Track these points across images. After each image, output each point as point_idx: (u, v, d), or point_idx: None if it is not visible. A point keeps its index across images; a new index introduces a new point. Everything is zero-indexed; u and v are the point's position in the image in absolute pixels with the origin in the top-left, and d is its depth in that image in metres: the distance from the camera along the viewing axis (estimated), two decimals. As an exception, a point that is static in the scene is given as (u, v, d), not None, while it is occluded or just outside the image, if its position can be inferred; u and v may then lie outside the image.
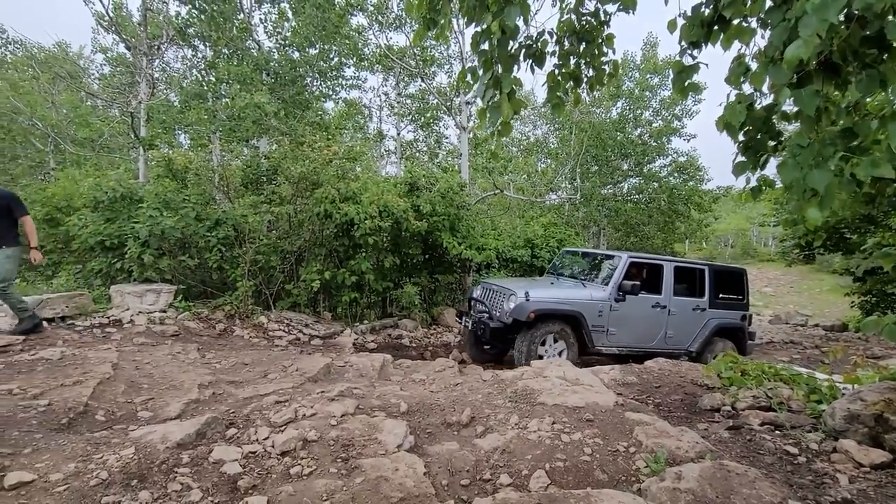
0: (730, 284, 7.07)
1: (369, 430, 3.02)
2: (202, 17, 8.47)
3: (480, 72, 2.08)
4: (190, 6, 8.52)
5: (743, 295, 7.14)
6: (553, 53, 2.30)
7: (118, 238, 6.14)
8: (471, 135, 11.80)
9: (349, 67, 11.07)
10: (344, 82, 11.60)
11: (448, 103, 11.40)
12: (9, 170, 15.71)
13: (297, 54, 9.53)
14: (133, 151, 12.54)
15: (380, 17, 12.32)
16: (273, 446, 2.67)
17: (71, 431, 2.72)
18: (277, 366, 4.71)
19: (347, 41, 10.16)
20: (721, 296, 6.89)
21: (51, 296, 5.34)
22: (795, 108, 1.79)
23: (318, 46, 9.50)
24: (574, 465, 2.54)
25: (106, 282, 6.43)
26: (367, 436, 2.93)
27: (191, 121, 8.30)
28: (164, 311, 5.99)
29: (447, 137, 15.90)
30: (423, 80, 11.89)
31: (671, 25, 2.23)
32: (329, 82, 10.58)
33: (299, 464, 2.52)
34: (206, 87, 8.66)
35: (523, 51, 2.08)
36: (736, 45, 2.09)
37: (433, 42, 12.41)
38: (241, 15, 9.48)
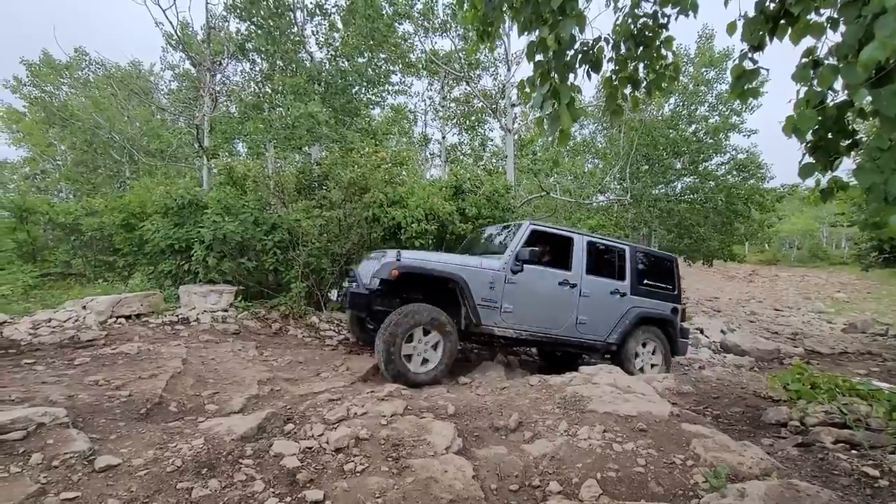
0: (657, 271, 6.13)
1: (418, 430, 3.08)
2: (260, 32, 8.96)
3: (538, 82, 2.08)
4: (248, 23, 9.04)
5: (673, 285, 6.19)
6: (610, 59, 2.24)
7: (185, 242, 6.61)
8: (516, 136, 11.71)
9: (396, 74, 11.31)
10: (391, 88, 11.87)
11: (493, 106, 11.39)
12: (91, 179, 17.28)
13: (346, 64, 9.87)
14: (197, 160, 13.45)
15: (425, 23, 12.53)
16: (328, 443, 2.78)
17: (148, 420, 2.96)
18: (329, 365, 4.89)
19: (394, 49, 10.41)
20: (646, 282, 5.92)
21: (128, 295, 5.83)
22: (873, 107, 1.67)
23: (366, 55, 9.80)
24: (627, 475, 2.47)
25: (175, 282, 6.93)
26: (417, 436, 3.00)
27: (249, 131, 8.80)
28: (226, 311, 6.37)
29: (492, 140, 15.89)
30: (468, 84, 11.95)
31: (730, 28, 2.12)
32: (377, 89, 10.87)
33: (352, 461, 2.61)
34: (262, 99, 9.15)
35: (579, 56, 2.04)
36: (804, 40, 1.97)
37: (480, 47, 12.46)
38: (295, 28, 9.94)
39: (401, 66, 11.83)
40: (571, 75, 2.08)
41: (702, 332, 10.81)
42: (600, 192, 14.39)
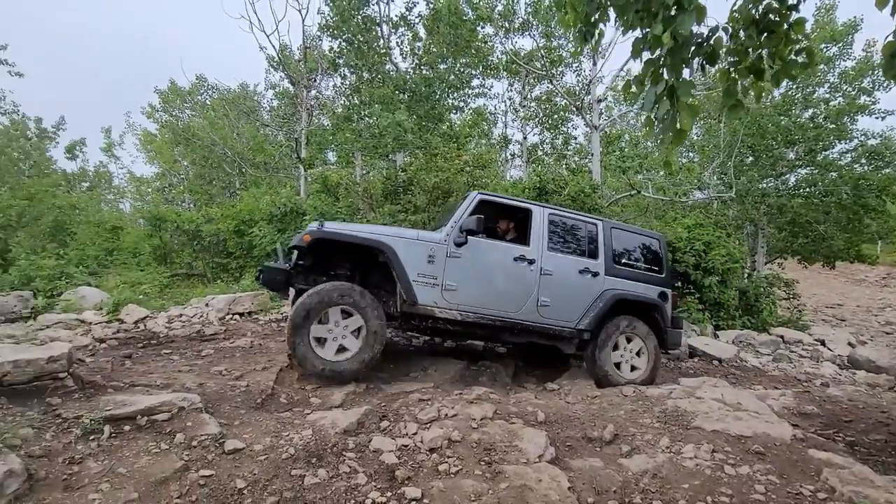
0: (640, 251, 5.34)
1: (509, 436, 3.07)
2: (350, 48, 9.55)
3: (647, 81, 1.95)
4: (340, 40, 9.68)
5: (661, 267, 5.38)
6: (727, 50, 2.03)
7: (288, 246, 7.22)
8: (601, 132, 11.22)
9: (476, 77, 11.40)
10: (471, 91, 11.98)
11: (578, 103, 11.01)
12: (208, 190, 19.55)
13: (430, 71, 10.16)
14: (295, 171, 14.65)
15: (506, 24, 12.47)
16: (422, 442, 2.87)
17: (263, 410, 3.28)
18: (417, 366, 5.05)
19: (476, 52, 10.50)
20: (626, 262, 5.16)
21: (241, 294, 6.50)
22: None
23: (448, 62, 10.00)
24: (743, 502, 2.26)
25: (279, 283, 7.59)
26: (508, 442, 2.99)
27: (340, 141, 9.41)
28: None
29: (575, 138, 15.37)
30: (551, 82, 11.68)
31: (881, 2, 1.82)
32: (458, 93, 11.04)
33: (446, 462, 2.68)
34: (352, 110, 9.74)
35: (692, 49, 1.87)
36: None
37: (562, 42, 12.13)
38: (381, 41, 10.44)
39: (481, 68, 11.89)
40: (686, 70, 1.92)
41: (823, 343, 9.50)
42: (699, 189, 13.20)
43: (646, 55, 1.96)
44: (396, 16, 10.47)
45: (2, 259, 8.56)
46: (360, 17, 9.62)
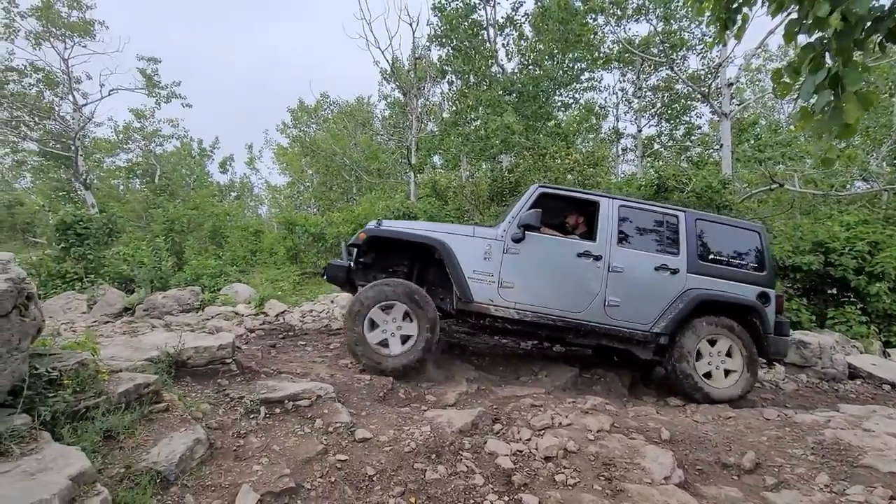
0: (732, 243, 4.55)
1: (629, 452, 2.91)
2: (457, 54, 9.81)
3: (805, 69, 1.68)
4: (448, 48, 9.99)
5: (761, 263, 4.50)
6: None
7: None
8: (732, 119, 10.00)
9: (585, 72, 10.92)
10: (579, 86, 11.52)
11: (703, 89, 9.94)
12: (329, 196, 21.57)
13: (537, 70, 10.00)
14: (405, 176, 15.48)
15: (618, 11, 11.75)
16: (537, 449, 2.86)
17: (385, 403, 3.53)
18: (527, 369, 5.01)
19: (586, 45, 10.07)
20: (713, 257, 4.43)
21: (360, 293, 7.06)
22: None
23: (557, 58, 9.74)
24: (937, 565, 1.87)
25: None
26: (629, 458, 2.84)
27: (448, 146, 9.71)
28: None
29: (699, 127, 13.88)
30: (671, 68, 10.72)
31: None
32: (567, 89, 10.69)
33: (563, 472, 2.63)
34: (459, 115, 10.00)
35: (867, 27, 1.56)
36: None
37: (684, 24, 11.07)
38: (487, 44, 10.54)
39: (589, 60, 11.35)
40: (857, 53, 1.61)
41: None
42: (863, 179, 11.03)
43: (802, 39, 1.69)
44: (502, 17, 10.50)
45: (178, 259, 10.40)
46: (467, 23, 9.82)
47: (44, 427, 1.83)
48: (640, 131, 14.55)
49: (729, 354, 4.34)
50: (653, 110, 13.98)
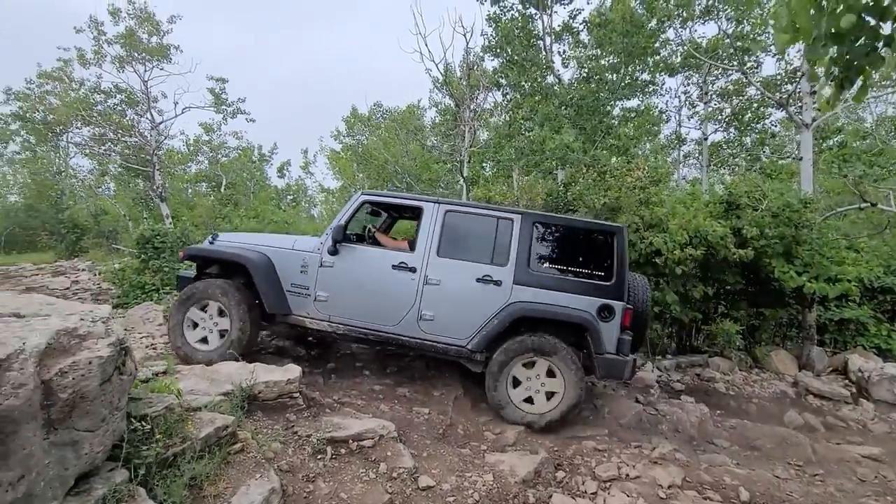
0: (578, 249, 4.21)
1: (708, 518, 2.73)
2: (512, 66, 9.68)
3: None
4: (502, 59, 9.88)
5: (610, 272, 4.02)
6: None
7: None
8: (813, 126, 9.20)
9: (649, 84, 10.41)
10: (640, 94, 11.03)
11: (780, 96, 9.19)
12: (380, 202, 22.02)
13: (595, 84, 9.66)
14: (456, 185, 15.50)
15: (682, 13, 11.13)
16: (605, 508, 2.74)
17: (445, 442, 3.51)
18: (588, 402, 4.83)
19: (652, 53, 9.61)
20: (551, 266, 4.13)
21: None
22: None
23: (620, 71, 9.37)
24: None
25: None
26: (707, 526, 2.66)
27: (501, 158, 9.60)
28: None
29: (774, 136, 12.85)
30: (743, 74, 10.00)
31: None
32: (629, 100, 10.27)
33: (635, 539, 2.50)
34: (513, 128, 9.86)
35: None
36: None
37: (756, 23, 10.32)
38: (543, 53, 10.32)
39: (651, 65, 10.83)
40: None
41: None
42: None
43: None
44: (559, 25, 10.23)
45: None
46: (522, 34, 9.66)
47: (137, 479, 1.94)
48: (706, 139, 13.69)
49: (552, 374, 3.96)
50: (721, 117, 13.13)
